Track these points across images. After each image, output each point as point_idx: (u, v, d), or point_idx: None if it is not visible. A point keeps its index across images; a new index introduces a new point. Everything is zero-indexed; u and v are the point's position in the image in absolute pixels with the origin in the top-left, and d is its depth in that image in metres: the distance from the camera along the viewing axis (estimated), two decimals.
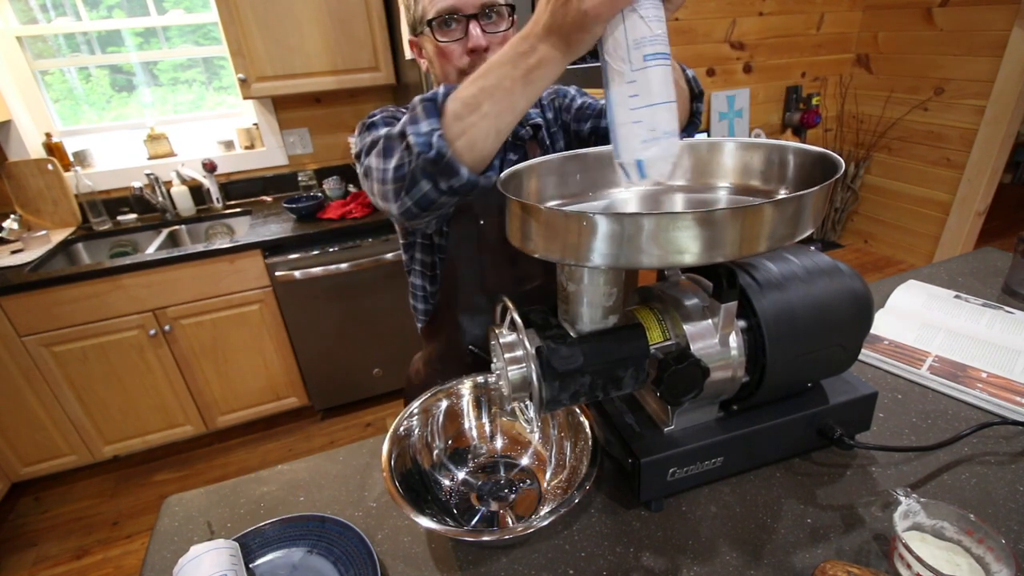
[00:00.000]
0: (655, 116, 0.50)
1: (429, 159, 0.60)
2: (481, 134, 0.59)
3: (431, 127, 0.59)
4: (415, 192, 0.64)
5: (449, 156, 0.59)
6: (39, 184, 2.06)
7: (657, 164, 0.51)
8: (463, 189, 0.62)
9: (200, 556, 0.57)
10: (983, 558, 0.52)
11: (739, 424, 0.65)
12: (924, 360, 0.88)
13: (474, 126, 0.59)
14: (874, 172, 3.24)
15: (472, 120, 0.58)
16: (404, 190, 0.65)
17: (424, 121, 0.60)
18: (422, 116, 0.61)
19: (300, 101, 2.32)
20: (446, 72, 0.80)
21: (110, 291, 1.76)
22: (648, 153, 0.51)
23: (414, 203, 0.66)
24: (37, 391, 1.82)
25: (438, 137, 0.59)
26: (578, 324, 0.59)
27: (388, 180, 0.66)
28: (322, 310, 2.04)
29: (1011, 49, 2.46)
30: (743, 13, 2.79)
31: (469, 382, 0.77)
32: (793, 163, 0.64)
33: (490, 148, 0.61)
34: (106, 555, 1.73)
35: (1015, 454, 0.70)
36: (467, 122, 0.59)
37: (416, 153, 0.61)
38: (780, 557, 0.59)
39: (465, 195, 0.65)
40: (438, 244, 0.90)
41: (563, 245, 0.50)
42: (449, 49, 0.78)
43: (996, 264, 1.20)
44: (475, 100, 0.58)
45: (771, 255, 0.65)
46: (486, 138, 0.59)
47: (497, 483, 0.71)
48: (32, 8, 2.03)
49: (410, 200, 0.65)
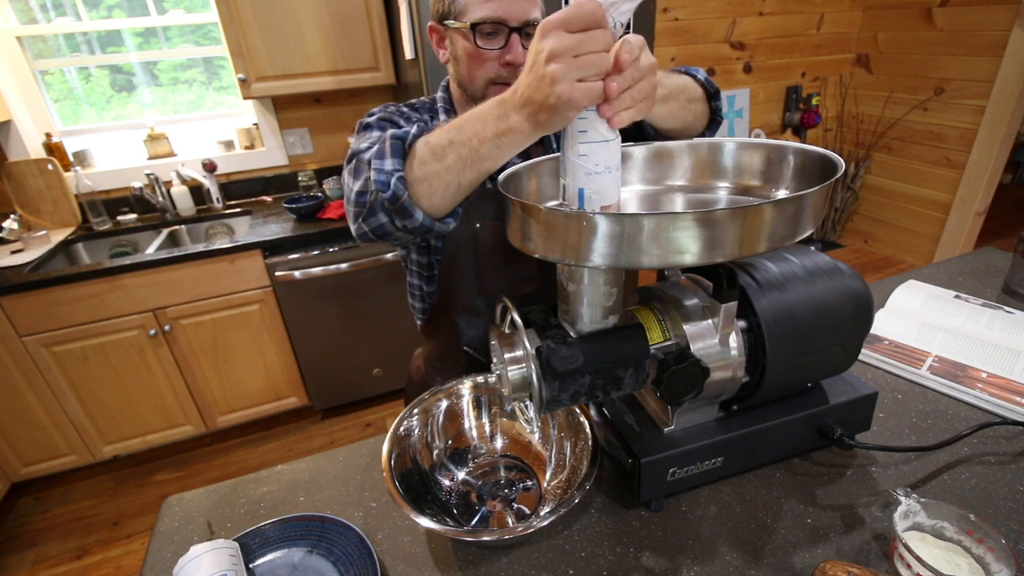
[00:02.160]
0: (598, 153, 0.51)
1: (386, 198, 0.61)
2: (441, 184, 0.60)
3: (393, 167, 0.61)
4: (372, 221, 0.66)
5: (405, 199, 0.61)
6: (39, 184, 2.06)
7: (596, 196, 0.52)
8: (418, 231, 0.64)
9: (200, 556, 0.57)
10: (983, 558, 0.52)
11: (739, 424, 0.65)
12: (924, 360, 0.88)
13: (436, 176, 0.60)
14: (874, 172, 3.24)
15: (435, 169, 0.60)
16: (362, 216, 0.67)
17: (389, 159, 0.62)
18: (388, 154, 0.62)
19: (300, 101, 2.32)
20: (472, 75, 0.81)
21: (110, 291, 1.76)
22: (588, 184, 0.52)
23: (370, 230, 0.67)
24: (37, 391, 1.82)
25: (397, 179, 0.60)
26: (578, 324, 0.59)
27: (351, 201, 0.68)
28: (322, 310, 2.04)
29: (1011, 49, 2.46)
30: (743, 13, 2.79)
31: (469, 382, 0.77)
32: (793, 163, 0.64)
33: (449, 199, 0.63)
34: (106, 555, 1.73)
35: (1015, 454, 0.70)
36: (429, 169, 0.60)
37: (376, 191, 0.62)
38: (780, 557, 0.59)
39: (423, 235, 0.66)
40: (434, 246, 0.90)
41: (563, 245, 0.50)
42: (487, 56, 0.78)
43: (996, 264, 1.20)
44: (442, 150, 0.59)
45: (771, 255, 0.65)
46: (446, 189, 0.61)
47: (497, 483, 0.71)
48: (32, 8, 2.03)
49: (367, 227, 0.67)
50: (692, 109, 0.78)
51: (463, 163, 0.59)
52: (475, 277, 0.90)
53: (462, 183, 0.61)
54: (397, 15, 1.87)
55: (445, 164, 0.59)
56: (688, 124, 0.79)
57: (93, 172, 2.17)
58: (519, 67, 0.78)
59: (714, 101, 0.82)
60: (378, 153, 0.63)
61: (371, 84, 2.11)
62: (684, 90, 0.76)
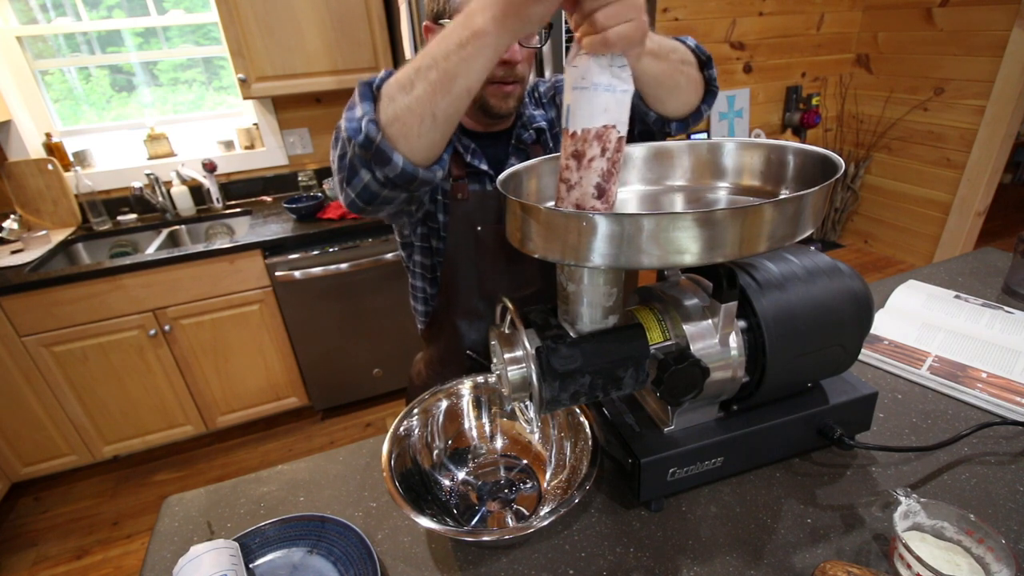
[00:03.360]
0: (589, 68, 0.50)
1: (359, 144, 0.57)
2: (415, 118, 0.56)
3: (363, 112, 0.57)
4: (356, 183, 0.62)
5: (379, 141, 0.56)
6: (39, 184, 2.06)
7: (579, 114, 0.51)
8: (401, 180, 0.59)
9: (200, 556, 0.57)
10: (983, 558, 0.52)
11: (739, 424, 0.65)
12: (924, 360, 0.88)
13: (408, 110, 0.56)
14: (874, 172, 3.24)
15: (405, 102, 0.56)
16: (346, 181, 0.63)
17: (359, 107, 0.58)
18: (357, 102, 0.58)
19: (300, 101, 2.32)
20: None
21: (110, 291, 1.76)
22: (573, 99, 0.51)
23: (356, 195, 0.63)
24: (37, 391, 1.82)
25: (368, 121, 0.56)
26: (578, 324, 0.59)
27: (335, 170, 0.64)
28: (322, 310, 2.04)
29: (1011, 49, 2.46)
30: (743, 13, 2.79)
31: (469, 382, 0.77)
32: (793, 163, 0.64)
33: (427, 138, 0.58)
34: (106, 555, 1.73)
35: (1015, 454, 0.70)
36: (400, 104, 0.56)
37: (349, 140, 0.58)
38: (780, 557, 0.59)
39: (409, 188, 0.62)
40: (436, 247, 0.90)
41: (563, 245, 0.50)
42: None
43: (996, 264, 1.20)
44: (409, 81, 0.55)
45: (771, 255, 0.65)
46: (421, 123, 0.56)
47: (497, 483, 0.71)
48: (32, 8, 2.03)
49: (353, 192, 0.63)
50: (685, 72, 0.75)
51: (433, 88, 0.54)
52: (476, 280, 0.90)
53: (436, 113, 0.56)
54: (397, 15, 1.87)
55: (415, 94, 0.55)
56: (683, 89, 0.76)
57: (93, 172, 2.17)
58: (516, 65, 0.77)
59: (707, 69, 0.79)
60: (348, 106, 0.60)
61: None
62: (675, 50, 0.73)
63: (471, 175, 0.87)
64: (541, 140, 0.90)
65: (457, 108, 0.57)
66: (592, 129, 0.50)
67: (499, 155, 0.89)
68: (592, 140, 0.51)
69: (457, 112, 0.57)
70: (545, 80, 0.98)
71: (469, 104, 0.58)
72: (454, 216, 0.85)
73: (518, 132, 0.88)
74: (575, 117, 0.51)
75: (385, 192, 0.63)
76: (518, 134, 0.88)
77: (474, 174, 0.87)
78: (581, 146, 0.51)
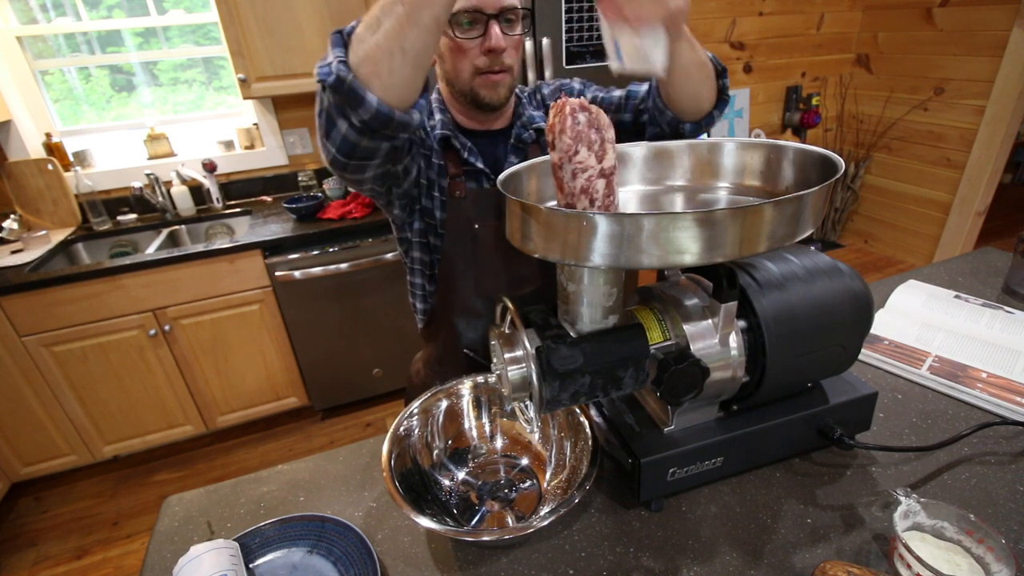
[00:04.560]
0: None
1: (331, 87, 0.57)
2: (385, 55, 0.56)
3: (334, 56, 0.58)
4: (335, 135, 0.62)
5: (351, 80, 0.56)
6: (39, 184, 2.06)
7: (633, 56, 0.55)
8: (377, 123, 0.59)
9: (200, 556, 0.57)
10: (983, 558, 0.52)
11: (739, 424, 0.65)
12: (924, 360, 0.88)
13: (377, 47, 0.56)
14: (874, 172, 3.24)
15: (374, 40, 0.56)
16: (325, 135, 0.63)
17: (330, 53, 0.58)
18: (329, 49, 0.59)
19: (300, 101, 2.32)
20: (457, 69, 0.80)
21: (110, 291, 1.76)
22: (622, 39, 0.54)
23: (336, 148, 0.63)
24: (37, 391, 1.82)
25: (338, 63, 0.57)
26: (578, 324, 0.59)
27: (317, 129, 0.64)
28: (322, 310, 2.04)
29: (1011, 49, 2.46)
30: (743, 13, 2.79)
31: (469, 382, 0.77)
32: (793, 163, 0.64)
33: (399, 72, 0.58)
34: (106, 555, 1.73)
35: (1015, 454, 0.70)
36: (369, 44, 0.56)
37: (323, 86, 0.58)
38: (780, 557, 0.59)
39: (386, 132, 0.61)
40: (434, 244, 0.90)
41: (563, 245, 0.50)
42: (467, 46, 0.77)
43: (996, 264, 1.20)
44: (376, 20, 0.56)
45: (771, 255, 0.65)
46: (391, 57, 0.56)
47: (497, 483, 0.71)
48: (32, 8, 2.03)
49: (332, 146, 0.63)
50: (707, 71, 0.79)
51: (400, 22, 0.55)
52: (474, 278, 0.90)
53: (405, 47, 0.56)
54: None
55: (383, 30, 0.56)
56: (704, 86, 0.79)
57: (93, 172, 2.17)
58: (501, 53, 0.78)
59: (721, 79, 0.82)
60: (321, 59, 0.60)
61: None
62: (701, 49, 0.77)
63: (468, 173, 0.87)
64: (540, 141, 0.90)
65: (425, 42, 0.57)
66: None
67: (496, 154, 0.89)
68: None
69: (426, 47, 0.58)
70: (549, 83, 0.98)
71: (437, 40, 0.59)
72: (452, 214, 0.86)
73: (517, 132, 0.88)
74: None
75: (364, 141, 0.62)
76: (517, 133, 0.88)
77: (471, 172, 0.87)
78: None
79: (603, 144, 0.50)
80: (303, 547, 0.64)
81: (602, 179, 0.52)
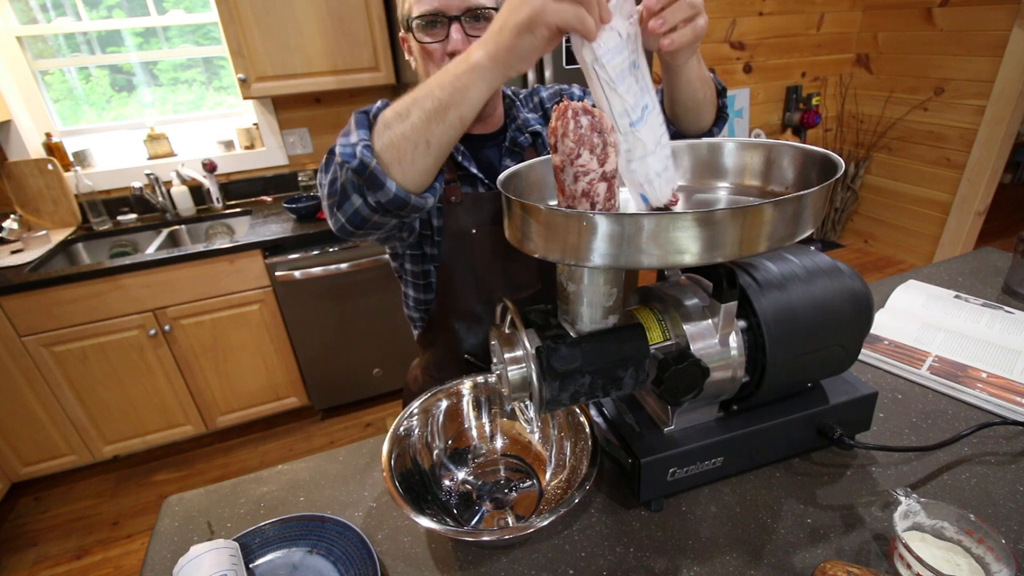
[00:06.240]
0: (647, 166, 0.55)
1: (353, 169, 0.59)
2: (410, 145, 0.58)
3: (359, 138, 0.59)
4: (347, 207, 0.64)
5: (373, 167, 0.58)
6: (39, 184, 2.06)
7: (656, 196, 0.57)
8: (392, 206, 0.61)
9: (200, 556, 0.57)
10: (983, 558, 0.52)
11: (739, 424, 0.65)
12: (924, 360, 0.88)
13: (403, 137, 0.58)
14: (874, 172, 3.24)
15: (400, 129, 0.58)
16: (336, 205, 0.64)
17: (354, 133, 0.60)
18: (353, 128, 0.60)
19: (300, 101, 2.32)
20: (428, 72, 0.80)
21: (110, 291, 1.76)
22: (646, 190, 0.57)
23: (347, 219, 0.65)
24: (37, 391, 1.82)
25: (363, 147, 0.58)
26: (578, 324, 0.59)
27: (325, 195, 0.66)
28: (322, 310, 2.04)
29: (1011, 49, 2.46)
30: (743, 13, 2.79)
31: (469, 382, 0.77)
32: (793, 163, 0.64)
33: (421, 163, 0.60)
34: (106, 555, 1.73)
35: (1015, 454, 0.70)
36: (395, 131, 0.58)
37: (342, 164, 0.60)
38: (780, 557, 0.59)
39: (400, 214, 0.63)
40: (431, 254, 0.89)
41: (563, 245, 0.50)
42: (432, 50, 0.77)
43: (996, 264, 1.20)
44: (406, 110, 0.58)
45: (771, 255, 0.65)
46: (415, 149, 0.58)
47: (497, 483, 0.71)
48: (32, 8, 2.03)
49: (343, 216, 0.65)
50: (711, 87, 0.80)
51: (428, 116, 0.57)
52: (474, 283, 0.90)
53: (430, 140, 0.58)
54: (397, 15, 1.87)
55: (410, 122, 0.57)
56: (707, 103, 0.80)
57: (93, 172, 2.17)
58: None
59: (721, 99, 0.83)
60: (343, 132, 0.61)
61: (371, 84, 2.10)
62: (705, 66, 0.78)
63: (462, 178, 0.87)
64: (536, 144, 0.90)
65: (450, 137, 0.59)
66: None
67: (490, 157, 0.89)
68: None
69: (450, 141, 0.60)
70: (547, 87, 0.98)
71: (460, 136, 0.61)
72: (448, 219, 0.85)
73: (512, 135, 0.88)
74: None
75: (376, 217, 0.64)
76: (512, 137, 0.88)
77: (465, 177, 0.87)
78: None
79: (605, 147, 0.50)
80: (303, 547, 0.64)
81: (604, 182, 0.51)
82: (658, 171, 0.56)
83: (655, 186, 0.56)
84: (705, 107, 0.81)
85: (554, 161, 0.53)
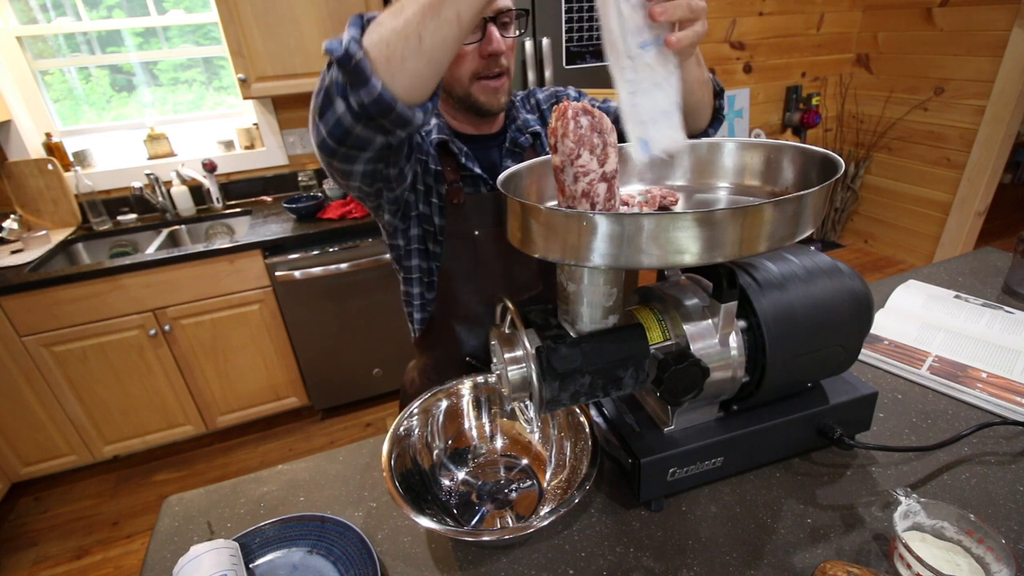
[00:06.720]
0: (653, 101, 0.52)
1: (338, 61, 0.55)
2: (400, 39, 0.55)
3: (349, 35, 0.56)
4: (329, 116, 0.59)
5: (359, 58, 0.54)
6: (39, 184, 2.06)
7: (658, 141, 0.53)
8: (376, 109, 0.57)
9: (200, 556, 0.57)
10: (983, 558, 0.52)
11: (739, 424, 0.65)
12: (924, 360, 0.88)
13: (394, 31, 0.55)
14: (874, 172, 3.24)
15: (391, 24, 0.55)
16: (319, 112, 0.61)
17: (345, 33, 0.57)
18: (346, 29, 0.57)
19: (300, 101, 2.32)
20: (456, 74, 0.79)
21: (110, 291, 1.76)
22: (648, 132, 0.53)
23: (328, 131, 0.61)
24: (37, 391, 1.82)
25: (350, 40, 0.55)
26: (578, 324, 0.59)
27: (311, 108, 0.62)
28: (322, 310, 2.04)
29: (1011, 49, 2.46)
30: (743, 13, 2.79)
31: (469, 382, 0.77)
32: (793, 163, 0.64)
33: (412, 64, 0.56)
34: (106, 555, 1.73)
35: (1015, 454, 0.70)
36: (386, 27, 0.55)
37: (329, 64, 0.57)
38: (780, 557, 0.59)
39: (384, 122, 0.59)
40: (433, 251, 0.88)
41: (563, 245, 0.50)
42: (464, 51, 0.77)
43: (996, 264, 1.20)
44: (399, 7, 0.55)
45: (771, 255, 0.65)
46: (406, 43, 0.55)
47: (497, 483, 0.71)
48: (32, 8, 2.03)
49: (324, 127, 0.61)
50: (708, 89, 0.80)
51: (423, 11, 0.54)
52: (475, 285, 0.89)
53: (423, 35, 0.55)
54: None
55: (404, 17, 0.55)
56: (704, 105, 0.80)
57: (93, 172, 2.17)
58: (499, 56, 0.77)
59: (718, 99, 0.83)
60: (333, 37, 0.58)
61: None
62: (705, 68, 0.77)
63: (465, 179, 0.86)
64: (535, 145, 0.90)
65: (444, 37, 0.56)
66: None
67: (492, 158, 0.89)
68: None
69: (444, 42, 0.56)
70: (543, 89, 0.98)
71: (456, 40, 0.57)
72: (450, 220, 0.85)
73: (512, 136, 0.88)
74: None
75: (358, 128, 0.60)
76: (513, 137, 0.88)
77: (468, 178, 0.86)
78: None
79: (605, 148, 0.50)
80: (303, 547, 0.64)
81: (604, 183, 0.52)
82: (664, 109, 0.52)
83: (659, 128, 0.52)
84: (702, 109, 0.81)
85: (554, 161, 0.53)
